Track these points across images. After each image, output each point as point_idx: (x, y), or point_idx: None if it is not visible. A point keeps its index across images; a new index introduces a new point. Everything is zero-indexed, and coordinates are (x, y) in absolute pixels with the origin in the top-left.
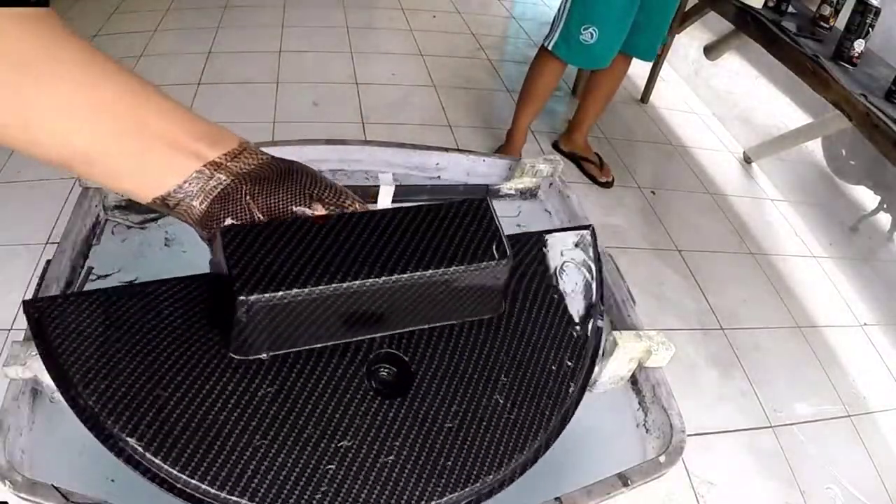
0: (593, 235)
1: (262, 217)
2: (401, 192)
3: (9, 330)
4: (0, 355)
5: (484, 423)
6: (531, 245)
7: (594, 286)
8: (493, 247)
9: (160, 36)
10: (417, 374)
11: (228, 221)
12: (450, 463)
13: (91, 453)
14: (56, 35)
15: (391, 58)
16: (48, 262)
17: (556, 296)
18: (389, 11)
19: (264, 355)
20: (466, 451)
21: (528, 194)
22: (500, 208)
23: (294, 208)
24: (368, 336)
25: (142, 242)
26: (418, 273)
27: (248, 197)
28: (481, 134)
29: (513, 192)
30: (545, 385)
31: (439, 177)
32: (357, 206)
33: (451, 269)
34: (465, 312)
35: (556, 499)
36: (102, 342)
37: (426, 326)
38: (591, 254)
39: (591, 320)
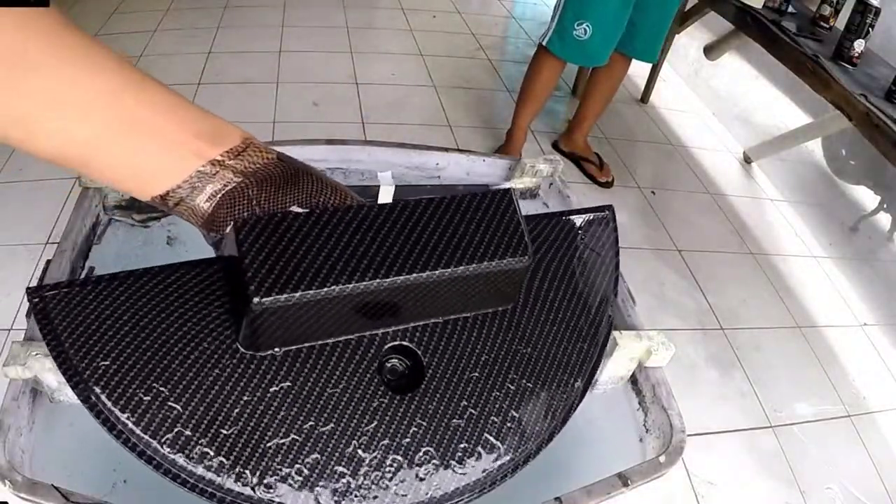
0: (613, 217)
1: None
2: (401, 192)
3: (9, 330)
4: (0, 355)
5: (492, 418)
6: (548, 227)
7: (610, 272)
8: (514, 243)
9: (160, 36)
10: (429, 369)
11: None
12: (455, 461)
13: (91, 453)
14: (53, 29)
15: (391, 58)
16: (48, 262)
17: (570, 282)
18: (389, 11)
19: (277, 350)
20: (472, 447)
21: (528, 194)
22: None
23: None
24: (382, 330)
25: (144, 242)
26: (438, 271)
27: (253, 202)
28: (481, 134)
29: None
30: (553, 379)
31: (439, 177)
32: None
33: (472, 266)
34: (479, 305)
35: (556, 499)
36: (112, 334)
37: (440, 320)
38: (610, 237)
39: (604, 309)
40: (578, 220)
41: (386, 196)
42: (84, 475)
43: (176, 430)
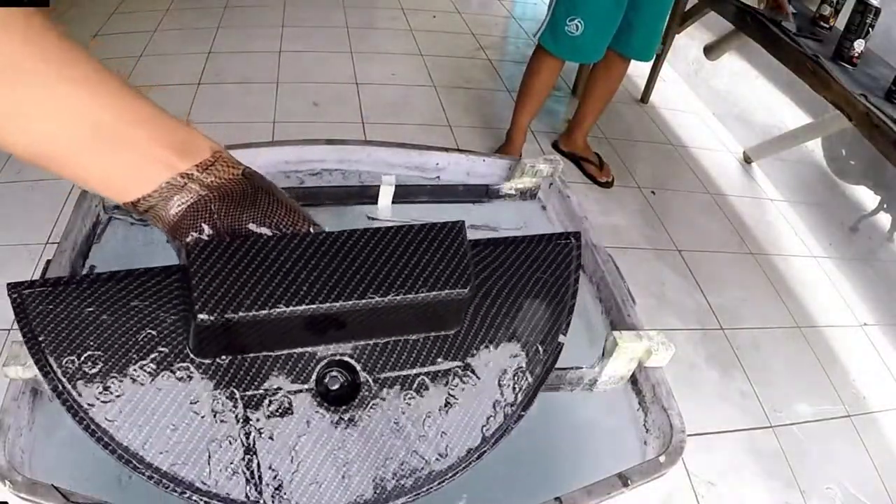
0: (578, 246)
1: (224, 238)
2: (400, 192)
3: (9, 330)
4: (0, 355)
5: (423, 432)
6: (506, 252)
7: (566, 300)
8: (456, 275)
9: (160, 36)
10: (365, 384)
11: (193, 236)
12: (381, 473)
13: (91, 453)
14: (36, 32)
15: (391, 58)
16: (48, 262)
17: (524, 307)
18: (389, 11)
19: (223, 358)
20: (397, 466)
21: (528, 194)
22: (499, 208)
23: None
24: (323, 346)
25: (145, 241)
26: (375, 299)
27: (214, 216)
28: (481, 134)
29: (513, 192)
30: (486, 401)
31: (439, 177)
32: (312, 230)
33: (409, 296)
34: (423, 329)
35: (556, 499)
36: (78, 332)
37: (382, 340)
38: (572, 265)
39: (554, 338)
40: (540, 247)
41: (385, 196)
42: (84, 475)
43: (127, 424)
